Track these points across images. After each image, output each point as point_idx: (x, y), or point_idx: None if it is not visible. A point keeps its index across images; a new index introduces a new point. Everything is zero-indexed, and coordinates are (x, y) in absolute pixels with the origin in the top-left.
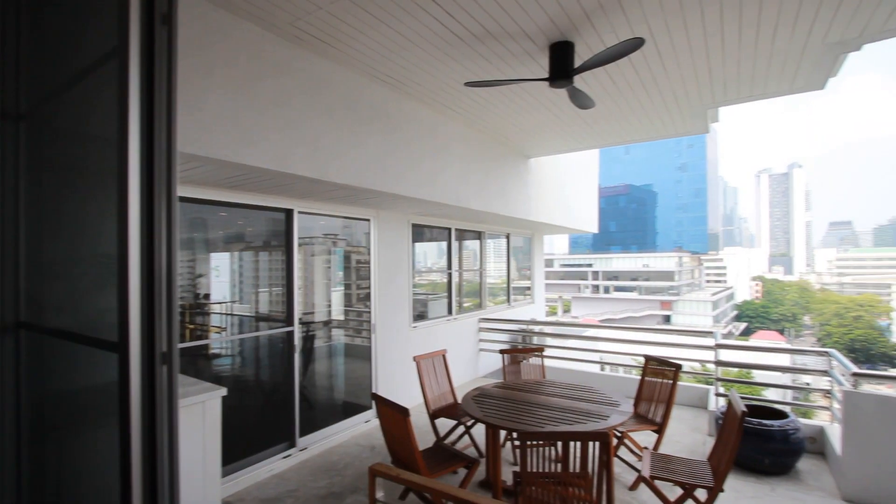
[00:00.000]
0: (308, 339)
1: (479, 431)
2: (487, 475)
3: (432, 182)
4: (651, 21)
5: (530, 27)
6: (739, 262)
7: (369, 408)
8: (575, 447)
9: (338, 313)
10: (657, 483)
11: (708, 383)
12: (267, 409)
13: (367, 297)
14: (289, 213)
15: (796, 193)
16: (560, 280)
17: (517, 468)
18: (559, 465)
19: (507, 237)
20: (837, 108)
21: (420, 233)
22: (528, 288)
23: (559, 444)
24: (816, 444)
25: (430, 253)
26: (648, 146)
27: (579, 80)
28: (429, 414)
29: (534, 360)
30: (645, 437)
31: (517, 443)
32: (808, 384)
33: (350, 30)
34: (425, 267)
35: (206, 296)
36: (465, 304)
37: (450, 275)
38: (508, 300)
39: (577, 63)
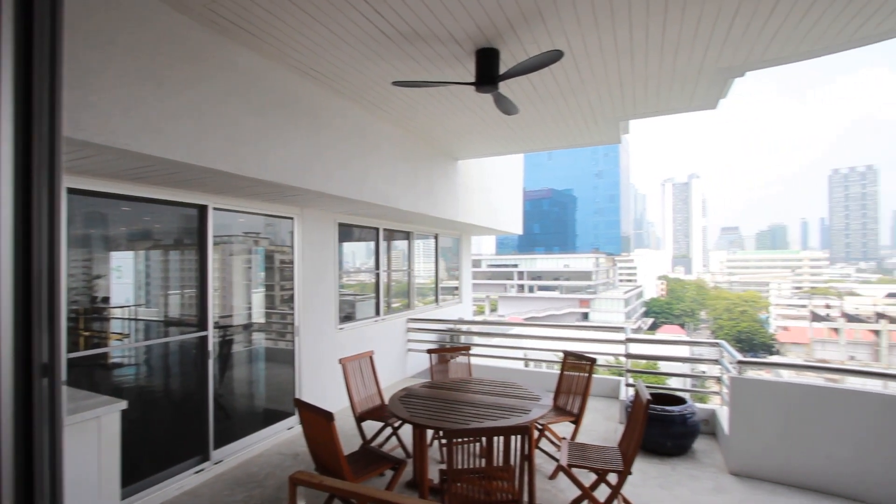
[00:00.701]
0: (225, 344)
1: (407, 432)
2: (415, 475)
3: (360, 181)
4: (570, 36)
5: (458, 32)
6: (648, 263)
7: (293, 414)
8: (499, 442)
9: (259, 316)
10: (574, 471)
11: (619, 375)
12: (177, 421)
13: (292, 298)
14: (203, 210)
15: (694, 201)
16: (487, 280)
17: (444, 466)
18: (484, 461)
19: (436, 238)
20: (730, 125)
21: (348, 232)
22: (457, 288)
23: (484, 439)
24: (709, 426)
25: (359, 253)
26: (569, 153)
27: (504, 87)
28: (355, 417)
29: (461, 359)
30: (564, 428)
31: (444, 441)
32: (703, 372)
33: (273, 20)
34: (354, 267)
35: (106, 299)
36: (394, 305)
37: (378, 275)
38: (437, 300)
39: (503, 70)
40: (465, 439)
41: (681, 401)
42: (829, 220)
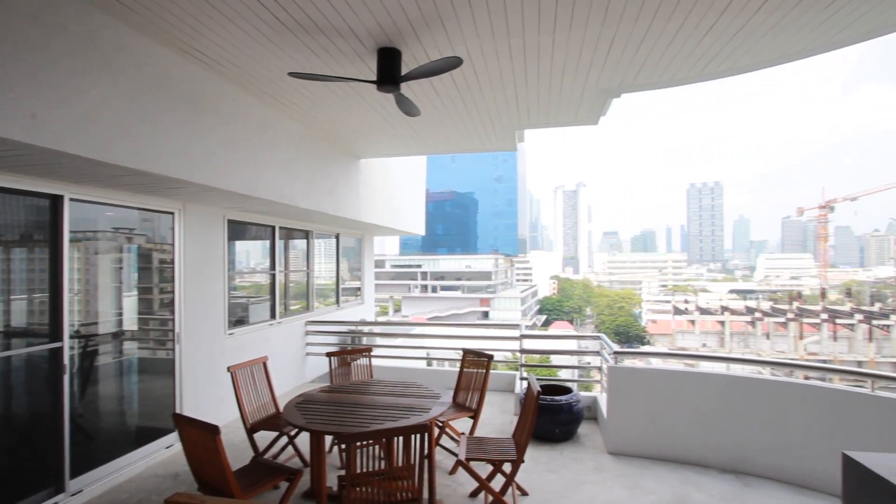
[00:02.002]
0: (87, 357)
1: (305, 440)
2: (312, 484)
3: (253, 175)
4: (469, 44)
5: (359, 28)
6: (542, 264)
7: (173, 431)
8: (399, 442)
9: (132, 323)
10: (472, 463)
11: (515, 370)
12: (21, 448)
13: (173, 302)
14: (56, 201)
15: (581, 207)
16: (391, 280)
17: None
18: (386, 462)
19: (337, 237)
20: (611, 140)
21: (240, 230)
22: (359, 289)
23: (385, 440)
24: (592, 412)
25: (254, 252)
26: (471, 158)
27: (406, 89)
28: (247, 429)
29: (362, 361)
30: (464, 424)
31: (343, 446)
32: (588, 363)
33: None
34: (247, 267)
35: None
36: (292, 307)
37: (273, 276)
38: (338, 301)
39: (405, 71)
40: (366, 442)
41: (568, 390)
42: (687, 227)
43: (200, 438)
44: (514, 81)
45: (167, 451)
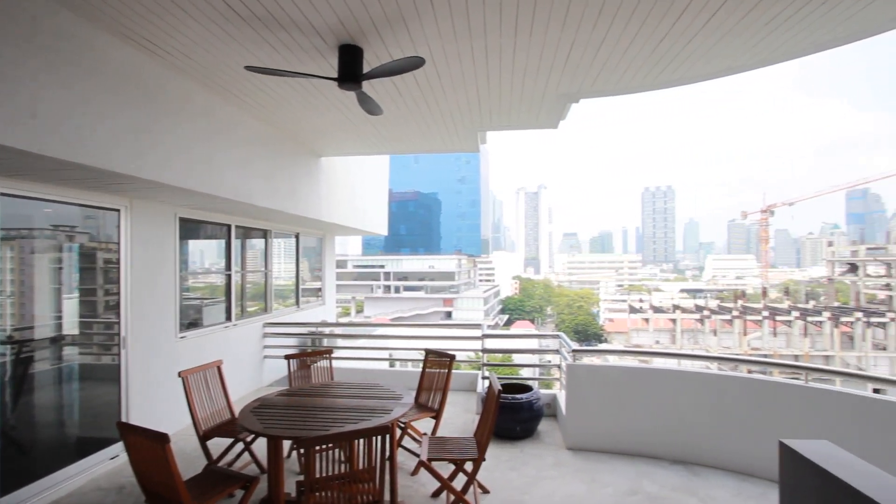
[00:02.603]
0: (20, 363)
1: (262, 446)
2: (269, 491)
3: (207, 172)
4: (432, 44)
5: (319, 23)
6: (504, 264)
7: (118, 440)
8: (361, 444)
9: (72, 326)
10: (434, 464)
11: (478, 369)
12: None
13: (119, 304)
14: None
15: (542, 209)
16: (353, 281)
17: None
18: (347, 465)
19: (297, 237)
20: (571, 143)
21: (193, 229)
22: (320, 289)
23: (346, 443)
24: (551, 409)
25: (209, 252)
26: (435, 158)
27: (369, 87)
28: (199, 436)
29: (323, 363)
30: (426, 424)
31: (302, 450)
32: (549, 361)
33: None
34: (201, 268)
35: None
36: (250, 309)
37: (229, 276)
38: (297, 302)
39: (366, 69)
40: (326, 446)
41: (528, 389)
42: (642, 229)
43: (148, 447)
44: (477, 83)
45: (112, 462)
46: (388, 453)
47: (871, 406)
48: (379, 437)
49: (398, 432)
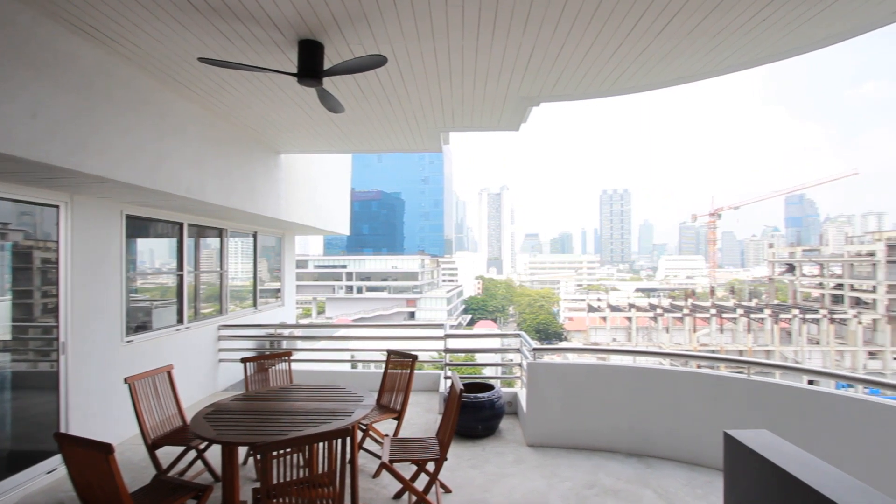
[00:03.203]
0: None
1: (217, 453)
2: (224, 500)
3: (156, 167)
4: (395, 44)
5: (277, 15)
6: (467, 264)
7: (56, 453)
8: (321, 448)
9: (4, 331)
10: (396, 465)
11: (440, 369)
12: None
13: (57, 307)
14: None
15: (505, 210)
16: (315, 281)
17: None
18: (307, 470)
19: (255, 236)
20: (534, 145)
21: (143, 227)
22: (279, 290)
23: (306, 448)
24: (512, 407)
25: (160, 251)
26: (398, 157)
27: (330, 84)
28: (148, 445)
29: (281, 366)
30: (388, 426)
31: (259, 456)
32: (511, 360)
33: None
34: (152, 268)
35: None
36: (204, 311)
37: (181, 277)
38: (255, 304)
39: (328, 66)
40: (284, 451)
41: (490, 388)
42: (600, 230)
43: (90, 459)
44: (440, 84)
45: (48, 476)
46: (348, 456)
47: (806, 397)
48: (339, 440)
49: (359, 434)
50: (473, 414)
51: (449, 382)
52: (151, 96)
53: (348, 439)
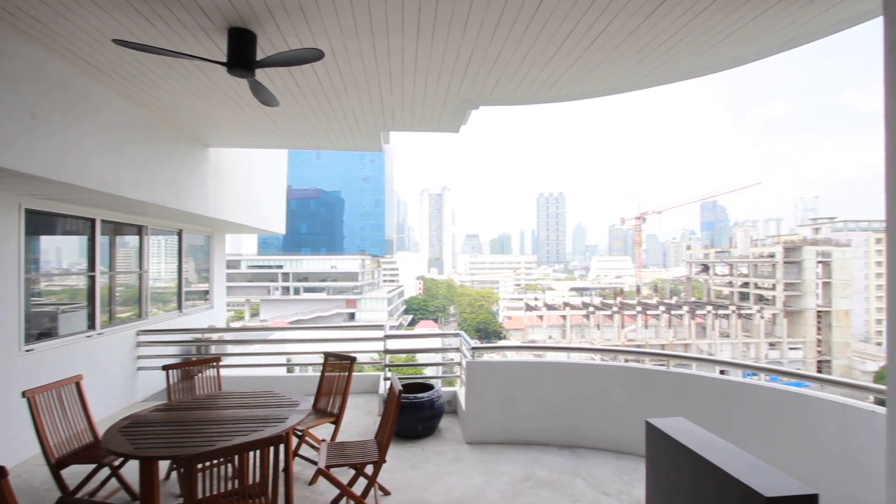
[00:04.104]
0: None
1: (134, 469)
2: None
3: (61, 155)
4: (333, 40)
5: (204, 1)
6: (408, 265)
7: None
8: (254, 457)
9: None
10: (333, 470)
11: (381, 370)
12: None
13: None
14: None
15: (446, 210)
16: (248, 282)
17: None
18: (238, 481)
19: (180, 234)
20: (474, 147)
21: (47, 223)
22: (207, 292)
23: (236, 458)
24: (452, 405)
25: (69, 250)
26: (338, 155)
27: (264, 77)
28: (51, 464)
29: (209, 373)
30: (325, 430)
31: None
32: (452, 359)
33: None
34: (59, 268)
35: None
36: (121, 315)
37: (92, 278)
38: (180, 307)
39: (261, 56)
40: (211, 462)
41: (430, 387)
42: (537, 231)
43: None
44: (379, 83)
45: None
46: (282, 464)
47: (718, 385)
48: (272, 448)
49: (295, 441)
50: (413, 414)
51: (388, 384)
52: (56, 77)
53: (282, 446)
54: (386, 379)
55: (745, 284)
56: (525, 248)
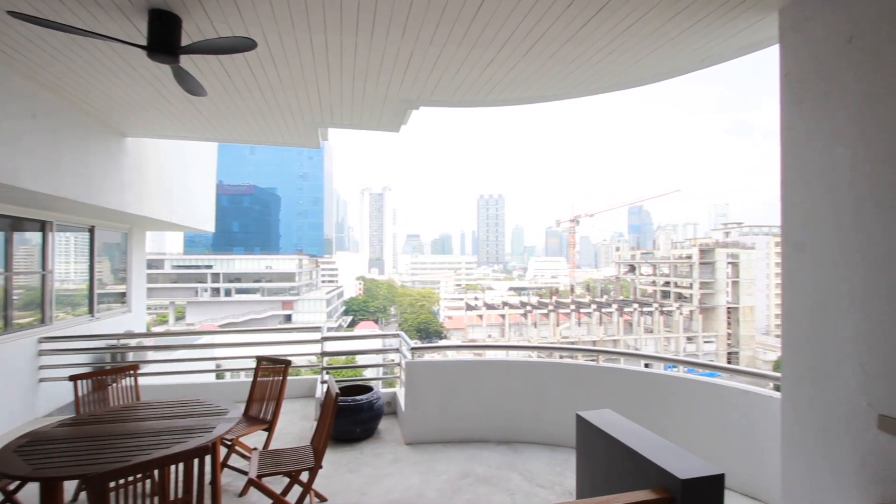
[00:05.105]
0: None
1: (34, 492)
2: None
3: None
4: (268, 32)
5: None
6: (348, 265)
7: None
8: (176, 470)
9: None
10: (266, 480)
11: (319, 373)
12: None
13: None
14: None
15: (387, 210)
16: (173, 284)
17: None
18: (157, 498)
19: (92, 231)
20: (416, 147)
21: None
22: (124, 294)
23: (156, 473)
24: (392, 407)
25: None
26: (274, 151)
27: (191, 64)
28: None
29: (126, 382)
30: (258, 438)
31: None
32: (392, 360)
33: None
34: None
35: None
36: (20, 320)
37: None
38: (92, 311)
39: (186, 42)
40: (126, 480)
41: (369, 389)
42: (478, 232)
43: None
44: (317, 79)
45: None
46: (209, 477)
47: (642, 378)
48: (197, 460)
49: (223, 451)
50: (351, 417)
51: (325, 387)
52: None
53: (208, 458)
54: (323, 382)
55: (667, 283)
56: (466, 248)
